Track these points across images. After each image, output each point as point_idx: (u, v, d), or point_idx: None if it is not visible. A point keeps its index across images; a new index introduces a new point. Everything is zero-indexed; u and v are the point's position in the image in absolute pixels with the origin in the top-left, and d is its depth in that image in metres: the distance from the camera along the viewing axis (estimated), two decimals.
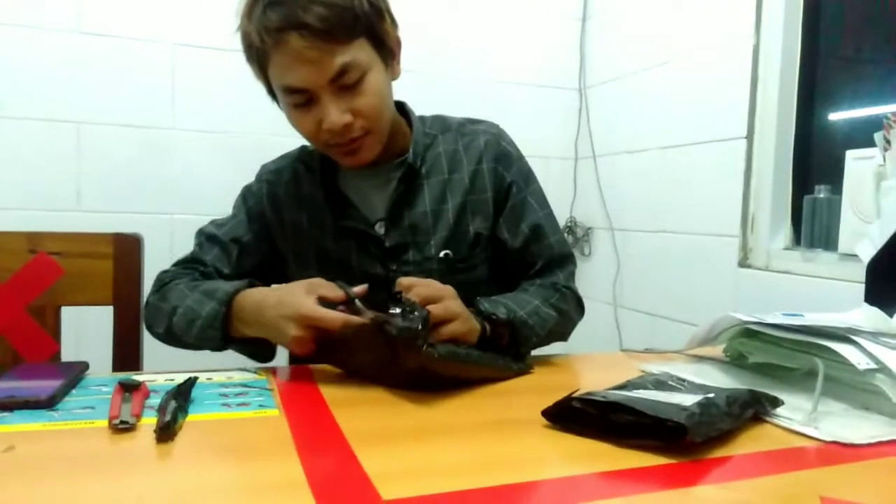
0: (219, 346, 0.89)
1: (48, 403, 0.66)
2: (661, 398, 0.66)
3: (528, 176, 1.09)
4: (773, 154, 1.63)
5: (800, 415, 0.69)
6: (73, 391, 0.73)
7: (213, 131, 1.99)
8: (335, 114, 0.90)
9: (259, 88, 1.05)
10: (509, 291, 1.02)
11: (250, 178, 1.08)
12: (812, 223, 1.51)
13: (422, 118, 1.10)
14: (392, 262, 1.02)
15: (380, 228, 1.02)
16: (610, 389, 0.70)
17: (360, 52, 0.90)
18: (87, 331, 1.18)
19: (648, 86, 2.05)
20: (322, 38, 0.86)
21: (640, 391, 0.70)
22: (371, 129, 0.95)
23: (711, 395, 0.66)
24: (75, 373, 0.77)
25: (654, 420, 0.59)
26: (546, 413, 0.65)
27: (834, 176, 1.43)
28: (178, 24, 1.94)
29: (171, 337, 0.95)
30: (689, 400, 0.63)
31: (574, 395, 0.65)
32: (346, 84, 0.90)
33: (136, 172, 1.92)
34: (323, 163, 1.06)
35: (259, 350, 0.90)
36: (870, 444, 0.63)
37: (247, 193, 1.11)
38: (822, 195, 1.49)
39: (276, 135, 2.02)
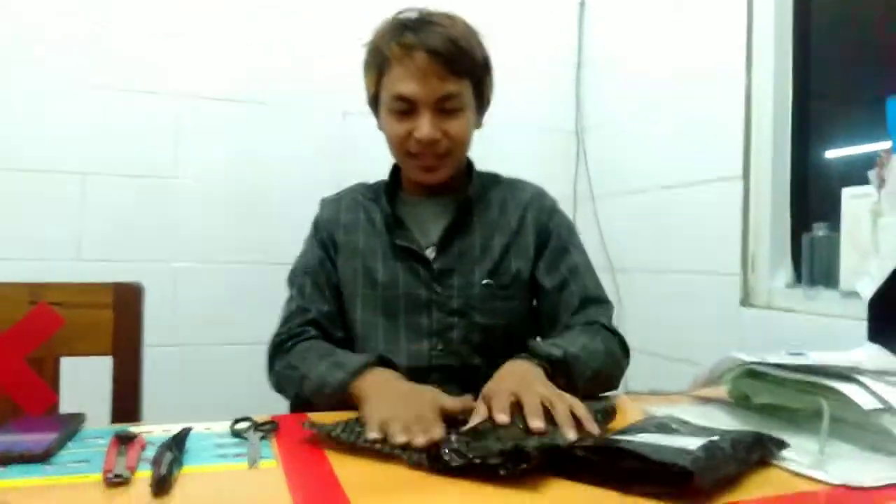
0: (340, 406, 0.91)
1: (43, 457, 0.66)
2: (664, 442, 0.65)
3: (570, 228, 1.20)
4: (770, 192, 1.64)
5: (807, 457, 0.68)
6: (70, 444, 0.72)
7: (214, 180, 2.02)
8: (429, 127, 1.04)
9: (261, 138, 1.07)
10: (547, 333, 1.10)
11: (251, 224, 1.10)
12: (812, 261, 1.51)
13: (478, 171, 1.22)
14: (438, 284, 1.09)
15: (430, 253, 1.11)
16: (613, 434, 0.69)
17: (464, 90, 1.07)
18: (86, 381, 1.17)
19: (643, 127, 2.08)
20: (442, 64, 1.02)
21: (643, 435, 0.69)
22: (452, 152, 1.09)
23: (716, 439, 0.65)
24: (72, 425, 0.76)
25: (659, 465, 0.58)
26: (550, 462, 0.64)
27: (832, 213, 1.43)
28: (181, 76, 1.98)
29: (298, 399, 1.03)
30: (693, 443, 0.62)
31: (577, 443, 0.64)
32: (446, 108, 1.05)
33: (137, 221, 1.94)
34: (384, 190, 1.16)
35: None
36: (879, 487, 0.62)
37: (315, 223, 1.20)
38: (820, 233, 1.49)
39: (277, 182, 2.06)
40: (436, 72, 1.03)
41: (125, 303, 1.12)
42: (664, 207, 1.97)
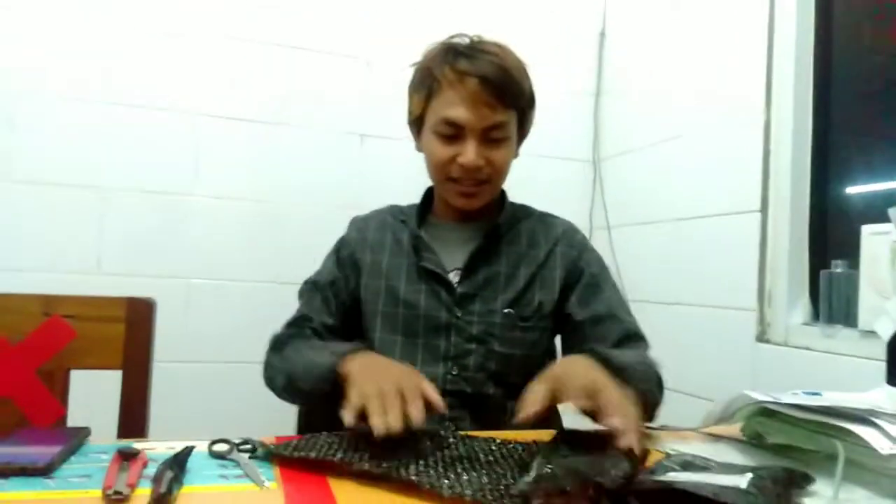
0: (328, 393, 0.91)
1: (45, 471, 0.65)
2: (709, 480, 0.61)
3: (601, 265, 1.20)
4: (789, 227, 1.62)
5: (820, 502, 0.66)
6: (72, 458, 0.72)
7: (232, 198, 2.04)
8: (474, 154, 1.05)
9: (279, 159, 1.09)
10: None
11: (266, 245, 1.11)
12: (830, 298, 1.48)
13: (511, 202, 1.23)
14: (459, 309, 1.09)
15: (454, 277, 1.12)
16: (644, 475, 0.66)
17: (511, 120, 1.09)
18: (96, 395, 1.18)
19: (662, 158, 2.07)
20: (493, 93, 1.04)
21: (675, 474, 0.66)
22: (492, 180, 1.10)
23: (751, 476, 0.62)
24: (76, 439, 0.76)
25: None
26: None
27: (851, 250, 1.41)
28: (202, 95, 2.02)
29: (287, 386, 1.04)
30: (737, 481, 0.60)
31: (627, 485, 0.61)
32: (491, 137, 1.07)
33: (155, 237, 1.96)
34: (416, 212, 1.18)
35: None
36: None
37: (339, 242, 1.22)
38: (839, 269, 1.47)
39: (293, 202, 2.08)
40: (486, 100, 1.04)
41: (137, 318, 1.12)
42: (681, 239, 1.95)
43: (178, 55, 2.00)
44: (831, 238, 1.63)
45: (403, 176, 1.17)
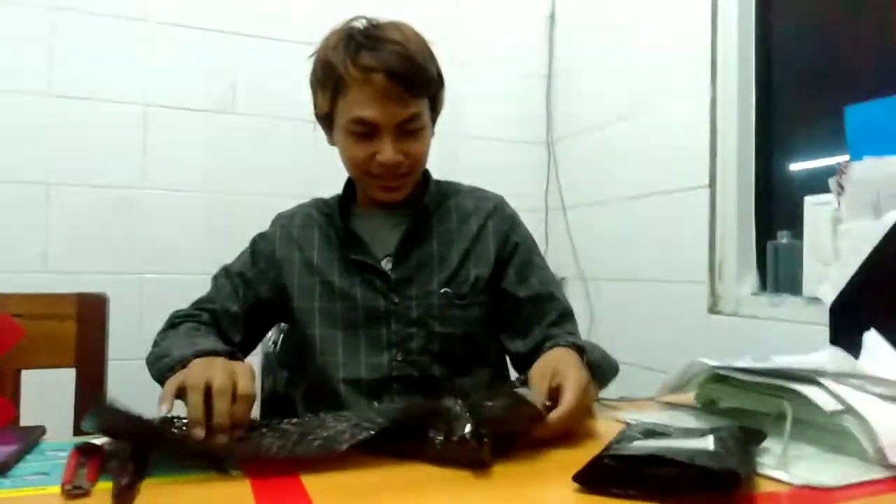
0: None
1: (0, 470, 0.64)
2: (676, 445, 0.63)
3: (531, 241, 1.20)
4: (736, 201, 1.67)
5: (771, 458, 0.69)
6: (28, 457, 0.70)
7: (183, 190, 1.99)
8: (391, 151, 1.03)
9: (228, 149, 1.06)
10: (513, 341, 1.12)
11: (220, 236, 1.09)
12: (776, 268, 1.54)
13: (436, 179, 1.20)
14: (395, 295, 1.08)
15: (387, 264, 1.10)
16: (611, 444, 0.67)
17: (423, 109, 1.06)
18: (49, 395, 1.15)
19: (613, 138, 2.11)
20: (404, 86, 1.00)
21: (641, 443, 0.67)
22: (413, 171, 1.09)
23: (712, 437, 0.65)
24: (31, 438, 0.74)
25: (699, 470, 0.57)
26: (578, 477, 0.61)
27: (795, 222, 1.47)
28: (149, 85, 1.96)
29: (149, 368, 0.98)
30: (702, 444, 0.62)
31: (603, 452, 0.62)
32: (407, 130, 1.04)
33: (105, 232, 1.91)
34: (338, 206, 1.15)
35: None
36: (841, 487, 0.63)
37: (257, 238, 1.19)
38: (784, 240, 1.53)
39: (246, 194, 2.05)
40: (396, 95, 1.00)
41: (89, 314, 1.10)
42: (634, 217, 2.00)
43: (123, 44, 1.93)
44: (776, 211, 1.69)
45: None
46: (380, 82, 0.99)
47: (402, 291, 1.09)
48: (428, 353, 1.08)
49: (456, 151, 2.22)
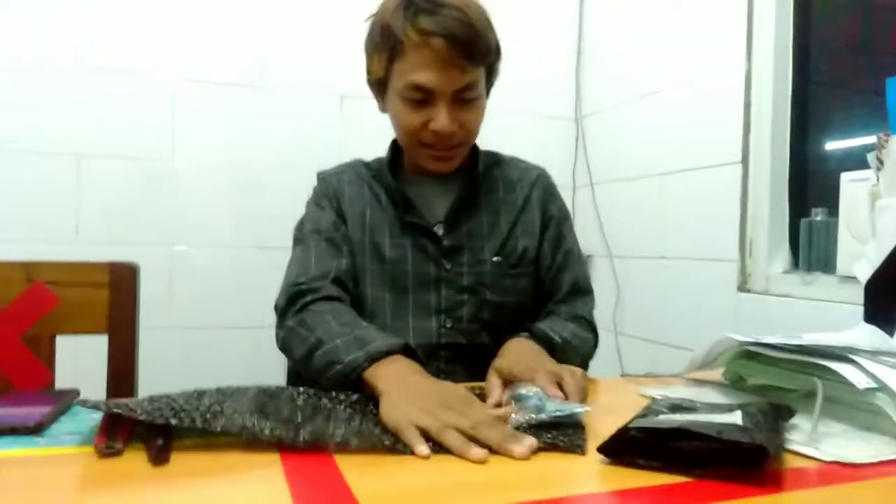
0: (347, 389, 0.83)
1: (35, 430, 0.65)
2: (703, 419, 0.62)
3: (567, 214, 1.20)
4: (769, 178, 1.64)
5: (800, 435, 0.68)
6: (62, 418, 0.72)
7: (212, 164, 2.01)
8: (447, 119, 1.01)
9: (258, 122, 1.06)
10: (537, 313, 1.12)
11: (247, 209, 1.07)
12: (809, 246, 1.51)
13: (480, 150, 1.19)
14: (447, 261, 1.08)
15: (439, 230, 1.09)
16: (635, 417, 0.66)
17: (480, 78, 1.04)
18: (82, 360, 1.17)
19: (643, 114, 2.07)
20: (463, 53, 0.97)
21: (664, 416, 0.66)
22: (465, 142, 1.08)
23: (748, 411, 0.64)
24: (65, 400, 0.76)
25: (726, 444, 0.56)
26: (604, 449, 0.61)
27: (830, 199, 1.43)
28: (178, 59, 1.97)
29: (304, 366, 0.93)
30: (731, 419, 0.61)
31: (630, 424, 0.61)
32: (464, 98, 1.02)
33: (135, 204, 1.94)
34: (388, 168, 1.13)
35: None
36: (871, 464, 0.62)
37: (317, 192, 1.15)
38: (818, 218, 1.49)
39: (273, 167, 2.06)
40: (455, 61, 0.97)
41: (120, 282, 1.11)
42: (663, 194, 1.97)
43: (152, 18, 1.95)
44: (811, 189, 1.65)
45: (386, 136, 1.15)
46: (439, 47, 0.96)
47: (454, 258, 1.08)
48: (478, 320, 1.08)
49: (484, 126, 2.19)
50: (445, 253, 1.08)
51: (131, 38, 1.93)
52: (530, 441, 0.63)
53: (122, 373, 1.09)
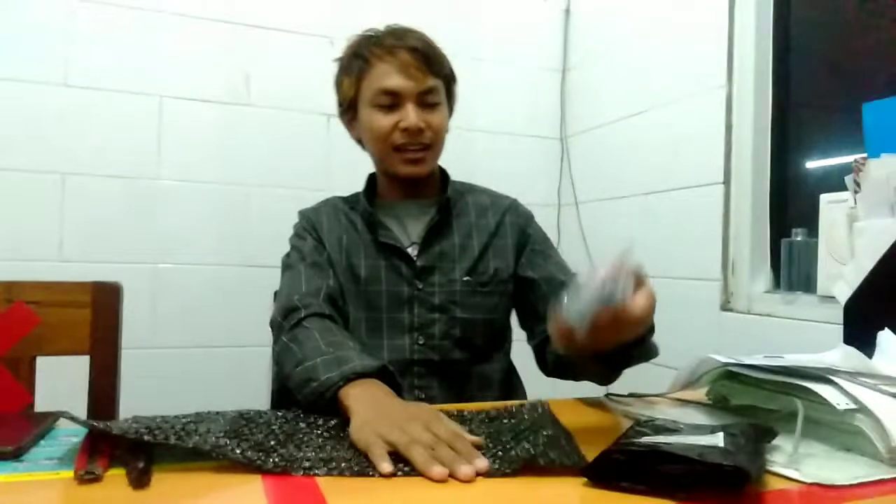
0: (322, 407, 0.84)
1: (14, 454, 0.65)
2: (687, 441, 0.63)
3: (546, 236, 1.26)
4: (751, 198, 1.66)
5: (781, 456, 0.68)
6: (42, 442, 0.71)
7: (197, 181, 2.00)
8: (414, 116, 1.10)
9: (244, 140, 1.06)
10: (536, 324, 1.13)
11: (233, 228, 1.09)
12: (790, 266, 1.53)
13: (452, 179, 1.26)
14: (420, 281, 1.13)
15: (412, 251, 1.15)
16: (620, 441, 0.66)
17: (441, 88, 1.16)
18: (63, 380, 1.16)
19: (627, 134, 2.09)
20: (424, 61, 1.12)
21: (650, 438, 0.66)
22: (434, 144, 1.15)
23: (730, 432, 0.65)
24: (45, 423, 0.75)
25: (709, 466, 0.56)
26: (587, 471, 0.61)
27: (810, 219, 1.45)
28: (164, 77, 1.97)
29: (288, 381, 0.93)
30: (713, 440, 0.62)
31: (613, 447, 0.62)
32: (427, 102, 1.13)
33: (119, 222, 1.92)
34: (364, 194, 1.21)
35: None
36: (851, 486, 0.62)
37: (298, 226, 1.21)
38: (798, 238, 1.51)
39: (259, 185, 2.05)
40: (418, 66, 1.10)
41: (103, 302, 1.10)
42: (647, 213, 1.98)
43: (139, 35, 1.94)
44: (791, 209, 1.67)
45: (370, 156, 1.17)
46: (402, 56, 1.10)
47: (426, 278, 1.13)
48: (449, 337, 1.12)
49: (469, 146, 2.22)
50: (418, 273, 1.13)
51: (117, 55, 1.92)
52: (481, 463, 0.63)
53: (103, 393, 1.08)
